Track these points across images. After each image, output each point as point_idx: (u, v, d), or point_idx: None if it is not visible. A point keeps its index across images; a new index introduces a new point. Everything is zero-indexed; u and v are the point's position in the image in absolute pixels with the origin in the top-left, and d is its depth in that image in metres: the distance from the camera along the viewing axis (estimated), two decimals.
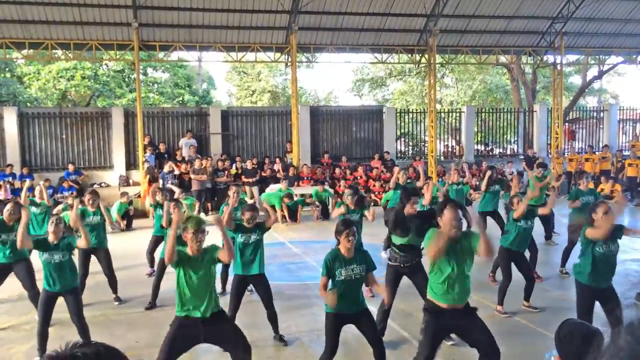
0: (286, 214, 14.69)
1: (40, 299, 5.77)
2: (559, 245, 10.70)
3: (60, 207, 11.18)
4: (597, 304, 5.39)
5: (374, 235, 9.74)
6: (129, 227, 14.13)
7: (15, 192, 14.92)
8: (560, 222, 11.38)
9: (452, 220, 4.31)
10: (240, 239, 6.07)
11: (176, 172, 15.98)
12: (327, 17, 17.49)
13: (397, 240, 5.87)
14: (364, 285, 4.83)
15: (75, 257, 6.31)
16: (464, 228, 4.64)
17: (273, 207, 14.43)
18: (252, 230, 6.11)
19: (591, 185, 9.73)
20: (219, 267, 4.93)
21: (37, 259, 5.87)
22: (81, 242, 5.83)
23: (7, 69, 24.87)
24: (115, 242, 8.26)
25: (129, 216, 14.44)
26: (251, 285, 6.31)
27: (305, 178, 16.85)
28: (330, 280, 4.63)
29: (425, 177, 11.51)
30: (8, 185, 15.02)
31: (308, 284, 8.38)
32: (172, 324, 4.57)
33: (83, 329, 5.76)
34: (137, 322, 6.97)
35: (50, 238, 5.73)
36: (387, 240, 5.96)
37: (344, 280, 4.59)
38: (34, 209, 9.04)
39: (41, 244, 5.71)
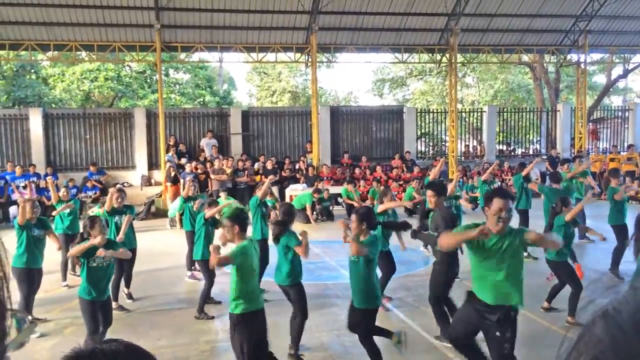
0: (315, 211, 14.80)
1: (87, 309, 5.55)
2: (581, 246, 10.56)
3: (94, 208, 11.22)
4: None
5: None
6: None
7: (41, 191, 15.23)
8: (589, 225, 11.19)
9: (500, 211, 3.99)
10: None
11: (191, 171, 16.08)
12: (348, 17, 17.47)
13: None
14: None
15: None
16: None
17: (304, 209, 14.50)
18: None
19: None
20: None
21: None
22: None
23: (32, 71, 25.33)
24: (142, 242, 8.33)
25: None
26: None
27: (325, 178, 16.86)
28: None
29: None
30: (33, 185, 15.32)
31: (328, 284, 8.38)
32: (246, 324, 4.49)
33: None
34: (159, 320, 7.04)
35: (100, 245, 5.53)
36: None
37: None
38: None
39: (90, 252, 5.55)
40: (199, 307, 7.00)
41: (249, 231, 4.85)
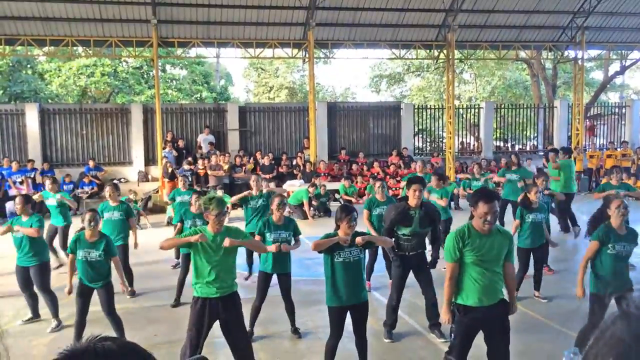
0: (312, 207, 14.75)
1: (76, 291, 5.91)
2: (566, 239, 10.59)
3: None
4: None
5: None
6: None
7: (37, 187, 15.21)
8: (579, 219, 11.23)
9: (486, 215, 4.04)
10: (270, 237, 6.12)
11: (189, 167, 16.09)
12: (345, 13, 17.43)
13: (401, 230, 5.94)
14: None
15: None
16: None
17: (301, 205, 14.48)
18: (282, 228, 6.18)
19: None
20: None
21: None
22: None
23: (28, 66, 25.23)
24: (139, 237, 8.32)
25: None
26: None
27: (322, 174, 16.86)
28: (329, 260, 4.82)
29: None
30: (30, 181, 15.31)
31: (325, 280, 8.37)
32: (192, 305, 4.70)
33: (116, 324, 5.87)
34: (156, 316, 7.04)
35: (87, 235, 5.88)
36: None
37: (342, 262, 4.73)
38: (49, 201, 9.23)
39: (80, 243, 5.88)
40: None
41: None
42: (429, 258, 6.26)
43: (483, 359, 4.33)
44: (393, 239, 5.79)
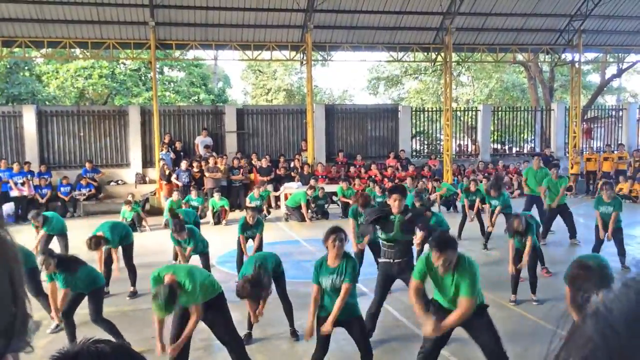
0: (310, 209, 14.73)
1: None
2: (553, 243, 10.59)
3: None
4: None
5: None
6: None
7: (36, 188, 15.24)
8: (576, 221, 11.25)
9: (436, 263, 4.17)
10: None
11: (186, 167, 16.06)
12: (343, 16, 17.47)
13: (383, 236, 5.85)
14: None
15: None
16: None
17: (299, 207, 14.46)
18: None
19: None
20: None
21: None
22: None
23: (26, 68, 25.19)
24: (136, 239, 8.35)
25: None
26: None
27: (320, 177, 16.85)
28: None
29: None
30: (31, 182, 15.33)
31: None
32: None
33: (109, 329, 5.82)
34: (153, 318, 7.01)
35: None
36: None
37: (326, 288, 4.65)
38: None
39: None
40: None
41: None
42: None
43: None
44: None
